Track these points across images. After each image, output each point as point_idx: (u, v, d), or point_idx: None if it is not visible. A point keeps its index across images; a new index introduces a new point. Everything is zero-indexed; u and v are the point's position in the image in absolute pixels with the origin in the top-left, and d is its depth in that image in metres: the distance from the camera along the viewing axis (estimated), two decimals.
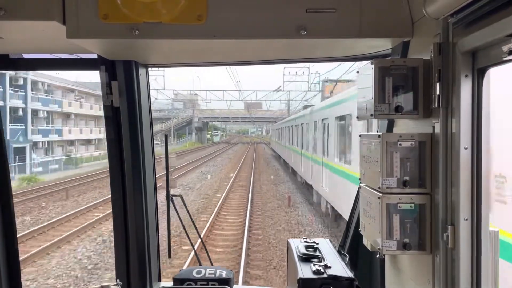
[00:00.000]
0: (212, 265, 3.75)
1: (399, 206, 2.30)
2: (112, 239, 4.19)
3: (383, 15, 2.53)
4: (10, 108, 48.21)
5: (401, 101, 2.31)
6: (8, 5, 2.41)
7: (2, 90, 46.54)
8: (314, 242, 3.25)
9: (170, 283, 3.52)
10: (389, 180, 2.30)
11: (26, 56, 3.44)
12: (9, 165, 3.56)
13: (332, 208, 19.05)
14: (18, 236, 3.75)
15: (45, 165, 49.13)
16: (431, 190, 2.28)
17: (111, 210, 3.64)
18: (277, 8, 2.53)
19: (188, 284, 3.40)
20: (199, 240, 4.40)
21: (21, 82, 51.51)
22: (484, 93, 2.03)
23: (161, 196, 5.59)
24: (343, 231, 3.65)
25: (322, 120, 21.89)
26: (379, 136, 2.33)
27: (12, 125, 48.20)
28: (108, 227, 18.93)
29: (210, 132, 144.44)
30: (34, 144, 53.48)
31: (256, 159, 58.84)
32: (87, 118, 70.63)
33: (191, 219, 3.90)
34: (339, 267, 2.83)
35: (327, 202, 20.50)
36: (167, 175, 3.72)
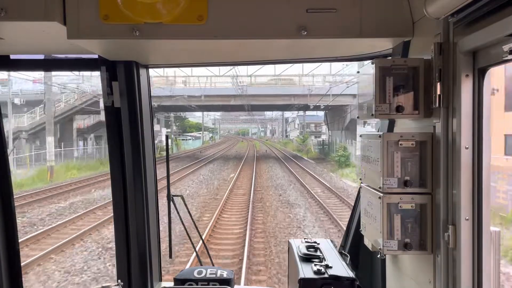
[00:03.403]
0: (213, 265, 3.75)
1: (400, 206, 2.30)
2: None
3: (383, 15, 2.53)
4: None
5: (402, 101, 2.31)
6: (9, 6, 2.41)
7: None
8: (315, 242, 3.24)
9: (171, 283, 3.52)
10: (390, 180, 2.30)
11: (26, 56, 3.44)
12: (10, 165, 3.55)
13: None
14: None
15: None
16: (432, 190, 2.28)
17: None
18: (278, 8, 2.53)
19: (189, 284, 3.40)
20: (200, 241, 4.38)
21: None
22: (485, 92, 2.03)
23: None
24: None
25: None
26: (380, 136, 2.33)
27: None
28: None
29: (178, 139, 77.05)
30: None
31: None
32: None
33: (192, 219, 3.90)
34: (340, 267, 2.83)
35: None
36: (167, 175, 3.73)
